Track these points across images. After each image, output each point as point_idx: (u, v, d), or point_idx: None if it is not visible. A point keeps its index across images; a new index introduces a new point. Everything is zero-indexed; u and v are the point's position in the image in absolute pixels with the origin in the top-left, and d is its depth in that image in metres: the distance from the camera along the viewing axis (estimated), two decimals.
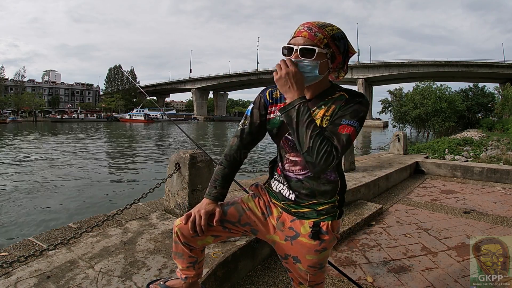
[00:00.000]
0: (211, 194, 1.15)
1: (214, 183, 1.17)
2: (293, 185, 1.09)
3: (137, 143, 20.96)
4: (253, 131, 1.16)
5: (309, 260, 1.08)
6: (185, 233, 1.13)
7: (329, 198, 1.07)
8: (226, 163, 1.18)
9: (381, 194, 4.18)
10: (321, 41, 0.97)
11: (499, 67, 45.40)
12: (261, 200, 1.19)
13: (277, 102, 1.13)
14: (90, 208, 6.20)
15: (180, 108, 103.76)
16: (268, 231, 1.16)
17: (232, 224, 1.15)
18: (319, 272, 1.11)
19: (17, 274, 1.49)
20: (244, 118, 1.18)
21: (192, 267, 1.22)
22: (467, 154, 8.23)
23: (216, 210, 1.12)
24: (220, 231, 1.15)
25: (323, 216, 1.07)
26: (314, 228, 1.05)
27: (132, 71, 79.22)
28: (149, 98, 3.71)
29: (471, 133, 17.43)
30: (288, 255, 1.12)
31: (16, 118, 57.41)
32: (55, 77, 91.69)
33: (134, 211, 2.43)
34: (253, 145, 1.19)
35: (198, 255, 1.22)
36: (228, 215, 1.15)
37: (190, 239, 1.13)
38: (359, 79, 55.63)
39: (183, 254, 1.19)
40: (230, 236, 1.20)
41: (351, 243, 2.56)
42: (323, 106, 1.03)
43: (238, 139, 1.17)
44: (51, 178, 9.01)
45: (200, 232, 1.10)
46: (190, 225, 1.10)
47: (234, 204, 1.18)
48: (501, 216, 3.33)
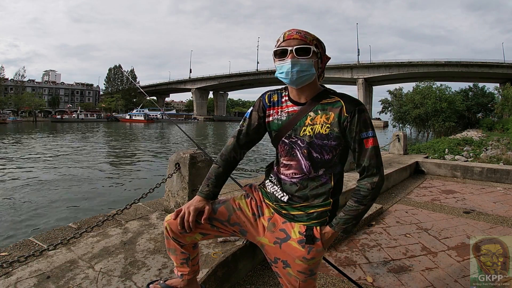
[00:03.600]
0: (203, 192, 1.17)
1: (207, 181, 1.19)
2: (287, 188, 1.11)
3: (137, 143, 20.95)
4: (249, 132, 1.19)
5: (298, 265, 1.06)
6: (173, 229, 1.14)
7: (321, 201, 1.07)
8: (220, 162, 1.20)
9: (381, 194, 4.17)
10: (312, 41, 1.05)
11: (499, 67, 45.39)
12: (253, 201, 1.19)
13: (274, 105, 1.15)
14: (90, 208, 6.20)
15: (180, 108, 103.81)
16: (257, 233, 1.15)
17: (220, 223, 1.16)
18: (309, 279, 1.10)
19: (17, 274, 1.49)
20: (243, 119, 1.21)
21: (186, 263, 1.23)
22: (467, 154, 8.22)
23: (206, 208, 1.14)
24: (208, 229, 1.16)
25: (313, 220, 1.06)
26: (307, 232, 1.05)
27: (132, 71, 79.33)
28: (149, 98, 3.72)
29: (471, 133, 17.43)
30: (277, 259, 1.11)
31: (16, 118, 57.41)
32: (55, 77, 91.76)
33: (134, 211, 2.43)
34: (248, 146, 1.22)
35: (190, 252, 1.23)
36: (217, 213, 1.15)
37: (179, 235, 1.15)
38: (359, 79, 55.59)
39: (175, 250, 1.21)
40: (219, 235, 1.21)
41: (351, 243, 2.56)
42: (320, 111, 1.06)
43: (234, 139, 1.20)
44: (51, 178, 9.00)
45: (187, 228, 1.11)
46: (178, 221, 1.11)
47: (225, 203, 1.19)
48: (501, 216, 3.33)
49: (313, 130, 1.05)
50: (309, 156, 1.07)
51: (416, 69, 50.68)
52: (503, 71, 44.81)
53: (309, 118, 1.06)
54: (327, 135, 1.04)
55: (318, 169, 1.08)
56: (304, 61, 1.02)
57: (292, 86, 1.08)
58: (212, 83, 73.19)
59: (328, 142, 1.05)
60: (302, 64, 1.02)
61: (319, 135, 1.05)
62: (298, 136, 1.07)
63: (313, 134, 1.05)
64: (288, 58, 1.02)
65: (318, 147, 1.06)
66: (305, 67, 1.02)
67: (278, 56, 1.05)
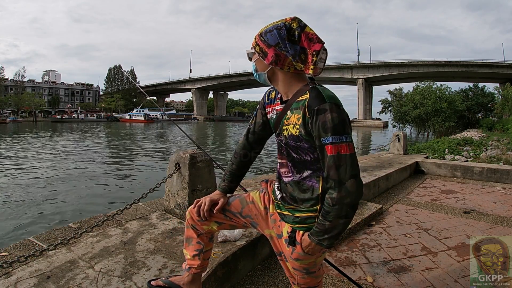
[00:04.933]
0: (220, 186, 1.28)
1: (223, 177, 1.29)
2: (282, 186, 1.13)
3: (137, 143, 20.95)
4: (256, 130, 1.23)
5: (291, 262, 1.09)
6: (193, 217, 1.24)
7: (308, 206, 1.02)
8: (233, 160, 1.29)
9: (381, 194, 4.18)
10: (253, 44, 1.06)
11: (499, 67, 45.38)
12: (266, 195, 1.22)
13: (271, 103, 1.16)
14: (90, 208, 6.20)
15: (180, 108, 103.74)
16: (267, 225, 1.19)
17: (233, 215, 1.23)
18: (307, 276, 1.11)
19: (17, 274, 1.49)
20: (252, 118, 1.26)
21: (198, 256, 1.27)
22: (467, 154, 8.22)
23: (220, 200, 1.23)
24: (222, 218, 1.24)
25: (297, 224, 1.05)
26: (291, 234, 1.06)
27: (132, 71, 79.31)
28: (149, 98, 3.71)
29: (471, 133, 17.41)
30: (281, 252, 1.15)
31: (16, 118, 57.42)
32: (55, 77, 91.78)
33: (134, 211, 2.43)
34: (259, 143, 1.27)
35: (205, 243, 1.28)
36: (231, 205, 1.23)
37: (197, 223, 1.24)
38: (359, 79, 55.61)
39: (192, 239, 1.28)
40: (233, 225, 1.27)
41: (351, 243, 2.56)
42: (294, 110, 1.00)
43: (244, 137, 1.27)
44: (51, 178, 9.00)
45: (203, 216, 1.20)
46: (195, 209, 1.22)
47: (240, 196, 1.26)
48: (501, 216, 3.33)
49: (287, 131, 1.02)
50: (289, 157, 1.05)
51: (416, 69, 50.67)
52: (503, 71, 44.81)
53: (286, 117, 1.03)
54: (298, 137, 0.98)
55: (302, 170, 1.03)
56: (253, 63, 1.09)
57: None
58: (212, 83, 73.19)
59: (300, 144, 0.99)
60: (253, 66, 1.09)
61: (292, 136, 1.00)
62: (282, 135, 1.06)
63: (288, 135, 1.02)
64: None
65: (294, 148, 1.02)
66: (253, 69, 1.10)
67: None
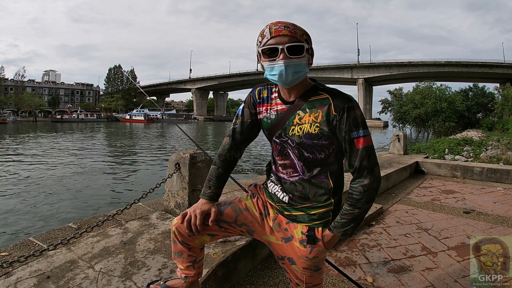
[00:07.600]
0: (205, 194, 1.16)
1: (208, 183, 1.17)
2: (287, 187, 1.09)
3: (137, 143, 20.94)
4: (244, 130, 1.15)
5: (303, 263, 1.08)
6: (182, 232, 1.12)
7: (322, 201, 1.05)
8: (219, 163, 1.18)
9: (381, 194, 4.17)
10: (302, 37, 0.95)
11: (499, 67, 45.40)
12: (260, 200, 1.18)
13: (264, 102, 1.11)
14: (90, 208, 6.20)
15: (180, 108, 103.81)
16: (264, 232, 1.16)
17: (228, 224, 1.15)
18: (315, 273, 1.11)
19: (17, 274, 1.49)
20: (235, 117, 1.17)
21: (192, 266, 1.21)
22: (467, 154, 8.22)
23: (212, 210, 1.12)
24: (216, 230, 1.15)
25: (315, 222, 1.05)
26: (309, 233, 1.05)
27: (132, 71, 79.27)
28: (149, 98, 3.72)
29: (471, 133, 17.42)
30: (284, 256, 1.13)
31: (16, 118, 57.45)
32: (55, 77, 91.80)
33: (134, 211, 2.43)
34: (245, 144, 1.19)
35: (197, 254, 1.21)
36: (224, 215, 1.14)
37: (187, 238, 1.13)
38: (359, 79, 55.60)
39: (182, 253, 1.19)
40: (227, 235, 1.20)
41: (351, 243, 2.56)
42: (308, 110, 1.00)
43: (230, 138, 1.17)
44: (51, 178, 9.00)
45: (195, 231, 1.09)
46: (185, 224, 1.09)
47: (231, 204, 1.17)
48: (501, 216, 3.33)
49: (302, 130, 1.00)
50: (301, 157, 1.03)
51: (416, 69, 50.69)
52: (503, 71, 44.83)
53: (298, 117, 1.01)
54: (317, 135, 0.99)
55: (312, 168, 1.04)
56: (298, 61, 0.94)
57: (285, 86, 1.02)
58: (212, 83, 73.17)
59: (318, 142, 1.00)
60: (296, 64, 0.94)
61: (309, 135, 1.00)
62: (288, 136, 1.03)
63: (302, 134, 1.00)
64: (280, 59, 0.93)
65: (308, 147, 1.01)
66: (300, 68, 0.95)
67: (266, 56, 0.96)
